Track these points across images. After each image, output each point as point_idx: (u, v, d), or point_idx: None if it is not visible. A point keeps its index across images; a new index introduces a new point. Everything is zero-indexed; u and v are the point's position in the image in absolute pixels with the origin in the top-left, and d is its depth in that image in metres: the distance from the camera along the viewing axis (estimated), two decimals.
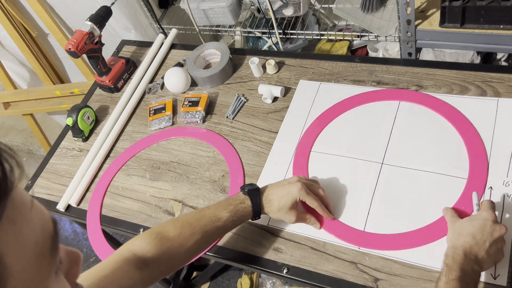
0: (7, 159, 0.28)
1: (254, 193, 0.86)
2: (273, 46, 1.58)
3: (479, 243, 0.71)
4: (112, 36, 1.63)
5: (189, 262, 0.84)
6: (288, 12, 1.48)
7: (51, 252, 0.31)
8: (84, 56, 1.26)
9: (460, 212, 0.83)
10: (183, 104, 1.21)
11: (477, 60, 1.34)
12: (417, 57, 1.32)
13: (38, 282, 0.30)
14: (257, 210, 0.85)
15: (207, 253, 0.95)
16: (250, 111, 1.17)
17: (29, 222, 0.30)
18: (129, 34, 1.61)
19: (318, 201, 0.87)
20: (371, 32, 1.35)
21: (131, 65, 1.39)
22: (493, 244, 0.72)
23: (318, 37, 1.46)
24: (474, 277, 0.70)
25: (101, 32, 1.28)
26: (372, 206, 0.91)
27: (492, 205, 0.77)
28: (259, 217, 0.87)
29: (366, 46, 1.72)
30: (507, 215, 0.82)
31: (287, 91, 1.17)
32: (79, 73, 1.87)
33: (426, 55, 1.41)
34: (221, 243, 0.95)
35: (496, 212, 0.78)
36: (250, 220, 0.88)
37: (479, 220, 0.74)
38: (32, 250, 0.29)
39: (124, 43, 1.51)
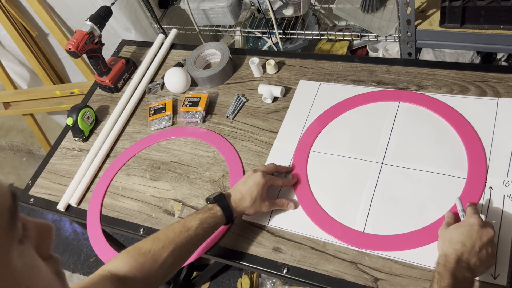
0: None
1: (220, 198, 0.89)
2: (273, 46, 1.58)
3: (469, 249, 0.71)
4: (112, 36, 1.63)
5: (170, 276, 0.83)
6: (288, 12, 1.48)
7: (10, 225, 0.31)
8: (84, 56, 1.26)
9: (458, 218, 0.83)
10: (183, 104, 1.22)
11: (477, 60, 1.34)
12: (417, 57, 1.32)
13: None
14: (228, 213, 0.87)
15: (207, 253, 0.95)
16: (250, 111, 1.17)
17: None
18: (129, 34, 1.61)
19: (281, 178, 0.97)
20: (371, 32, 1.35)
21: (131, 65, 1.39)
22: (483, 249, 0.72)
23: (318, 37, 1.46)
24: (466, 285, 0.70)
25: (101, 32, 1.28)
26: (372, 207, 0.91)
27: (476, 210, 0.78)
28: (233, 221, 0.90)
29: (366, 46, 1.72)
30: (507, 215, 0.82)
31: (287, 91, 1.17)
32: (79, 73, 1.87)
33: (426, 55, 1.41)
34: (221, 243, 0.95)
35: (483, 216, 0.79)
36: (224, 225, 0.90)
37: (466, 227, 0.74)
38: None
39: (124, 43, 1.51)
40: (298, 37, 1.49)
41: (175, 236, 0.81)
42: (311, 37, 1.47)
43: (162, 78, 1.31)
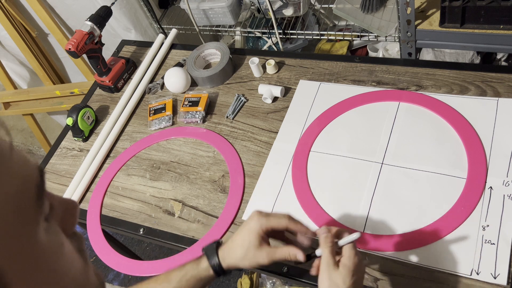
0: None
1: (211, 246, 0.75)
2: (273, 46, 1.58)
3: None
4: (112, 36, 1.63)
5: None
6: (288, 12, 1.48)
7: (37, 200, 0.31)
8: (84, 56, 1.26)
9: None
10: (183, 104, 1.22)
11: (477, 60, 1.34)
12: (417, 57, 1.33)
13: (23, 230, 0.30)
14: (214, 263, 0.73)
15: None
16: (250, 111, 1.17)
17: (8, 170, 0.29)
18: (129, 34, 1.61)
19: (288, 217, 0.71)
20: (371, 32, 1.35)
21: (131, 65, 1.39)
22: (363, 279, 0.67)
23: (318, 37, 1.46)
24: None
25: (101, 32, 1.28)
26: (372, 207, 0.91)
27: (352, 252, 0.67)
28: (225, 273, 0.73)
29: (366, 46, 1.72)
30: (507, 215, 0.82)
31: (287, 91, 1.17)
32: (79, 73, 1.87)
33: (426, 55, 1.41)
34: None
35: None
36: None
37: (355, 275, 0.65)
38: (13, 198, 0.29)
39: (124, 43, 1.51)
40: (298, 37, 1.49)
41: (156, 286, 0.73)
42: (311, 37, 1.47)
43: (162, 78, 1.31)
